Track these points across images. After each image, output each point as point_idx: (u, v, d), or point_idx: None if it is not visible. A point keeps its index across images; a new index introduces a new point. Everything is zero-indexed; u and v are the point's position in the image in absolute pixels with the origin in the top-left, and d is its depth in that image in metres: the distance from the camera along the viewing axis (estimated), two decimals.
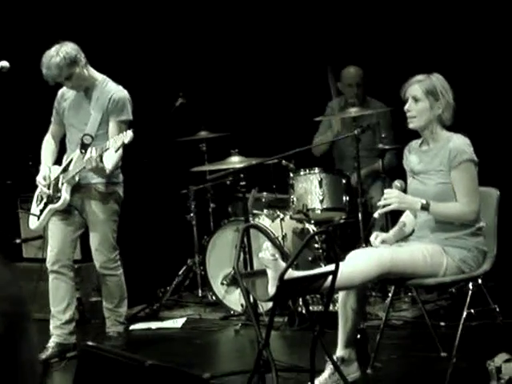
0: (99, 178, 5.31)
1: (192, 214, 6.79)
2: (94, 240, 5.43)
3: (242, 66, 7.44)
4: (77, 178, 5.32)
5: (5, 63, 5.12)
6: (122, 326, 5.56)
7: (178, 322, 6.23)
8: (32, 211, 5.54)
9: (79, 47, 5.27)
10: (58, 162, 5.55)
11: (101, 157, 5.08)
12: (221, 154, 6.33)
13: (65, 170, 5.38)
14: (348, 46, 7.07)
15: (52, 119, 5.58)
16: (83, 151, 5.19)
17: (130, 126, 5.21)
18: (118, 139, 4.98)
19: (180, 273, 6.76)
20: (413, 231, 4.47)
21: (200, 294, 6.72)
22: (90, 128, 5.27)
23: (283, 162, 6.16)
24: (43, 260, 5.48)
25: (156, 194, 7.37)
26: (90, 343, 2.61)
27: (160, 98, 7.20)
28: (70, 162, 5.36)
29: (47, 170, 5.46)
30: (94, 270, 6.43)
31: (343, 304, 4.37)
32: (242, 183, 5.04)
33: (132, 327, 6.12)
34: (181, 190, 6.78)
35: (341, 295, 4.42)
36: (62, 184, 5.34)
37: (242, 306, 6.10)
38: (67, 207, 5.37)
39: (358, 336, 4.50)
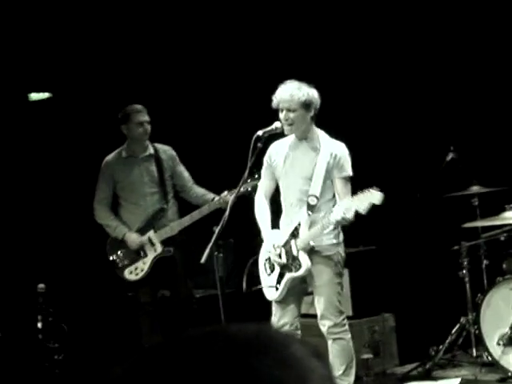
0: (321, 242, 5.17)
1: (464, 271, 6.62)
2: (319, 305, 5.24)
3: None
4: (311, 243, 5.16)
5: (278, 124, 5.22)
6: None
7: (453, 383, 6.06)
8: (263, 282, 5.36)
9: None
10: None
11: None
12: (494, 209, 6.15)
13: (294, 235, 5.20)
14: None
15: (262, 174, 5.41)
16: (310, 213, 5.08)
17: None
18: (362, 200, 4.84)
19: (453, 331, 6.59)
20: None
21: (474, 354, 6.50)
22: (315, 186, 5.13)
23: None
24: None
25: (427, 250, 7.28)
26: None
27: (431, 154, 7.15)
28: (297, 226, 5.18)
29: (272, 237, 5.29)
30: (365, 327, 6.48)
31: None
32: None
33: None
34: (452, 247, 6.65)
35: None
36: (298, 251, 5.16)
37: None
38: None
39: None
